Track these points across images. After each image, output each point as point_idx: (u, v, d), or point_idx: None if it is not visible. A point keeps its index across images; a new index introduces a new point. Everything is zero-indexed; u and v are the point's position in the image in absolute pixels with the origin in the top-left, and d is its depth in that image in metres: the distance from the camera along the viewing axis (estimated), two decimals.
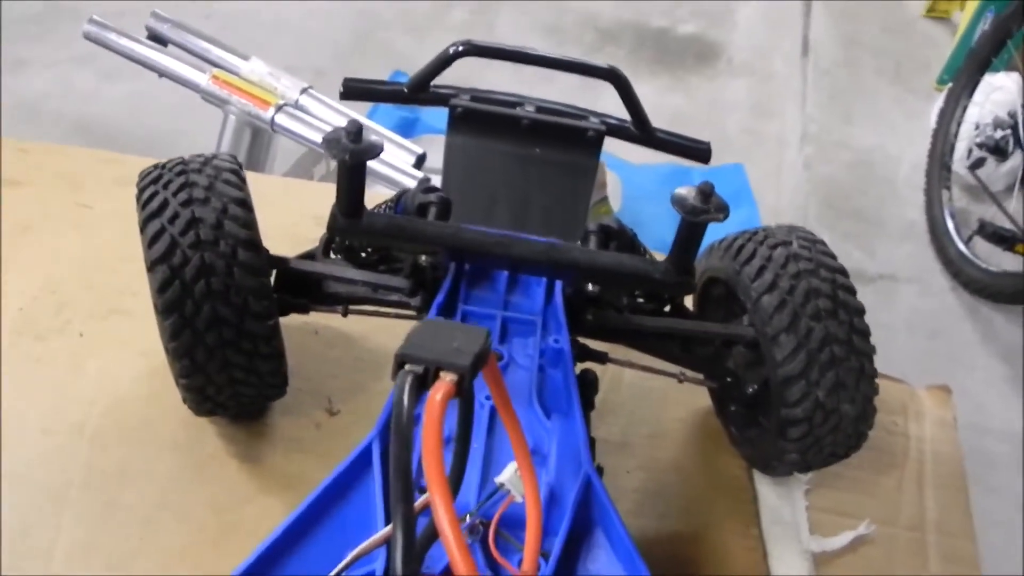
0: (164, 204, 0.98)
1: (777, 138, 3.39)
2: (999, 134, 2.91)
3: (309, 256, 1.12)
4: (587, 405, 0.97)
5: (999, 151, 2.92)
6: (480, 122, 1.17)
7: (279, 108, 1.71)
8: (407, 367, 0.59)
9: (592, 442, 0.91)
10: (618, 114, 1.22)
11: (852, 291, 1.02)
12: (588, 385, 0.98)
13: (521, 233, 1.02)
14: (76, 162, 1.48)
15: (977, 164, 3.02)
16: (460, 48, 1.13)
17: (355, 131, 0.86)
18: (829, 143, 3.31)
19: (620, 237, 1.09)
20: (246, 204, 1.00)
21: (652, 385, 1.04)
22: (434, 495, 0.54)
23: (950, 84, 3.16)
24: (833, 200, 3.12)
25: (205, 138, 1.87)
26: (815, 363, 0.98)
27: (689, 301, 1.14)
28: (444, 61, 1.14)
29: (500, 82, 1.21)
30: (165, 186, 1.01)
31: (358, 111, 1.91)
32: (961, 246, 2.89)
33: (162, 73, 1.77)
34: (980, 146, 2.97)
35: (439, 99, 1.19)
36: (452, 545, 0.53)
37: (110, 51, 1.81)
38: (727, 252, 1.09)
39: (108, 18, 1.85)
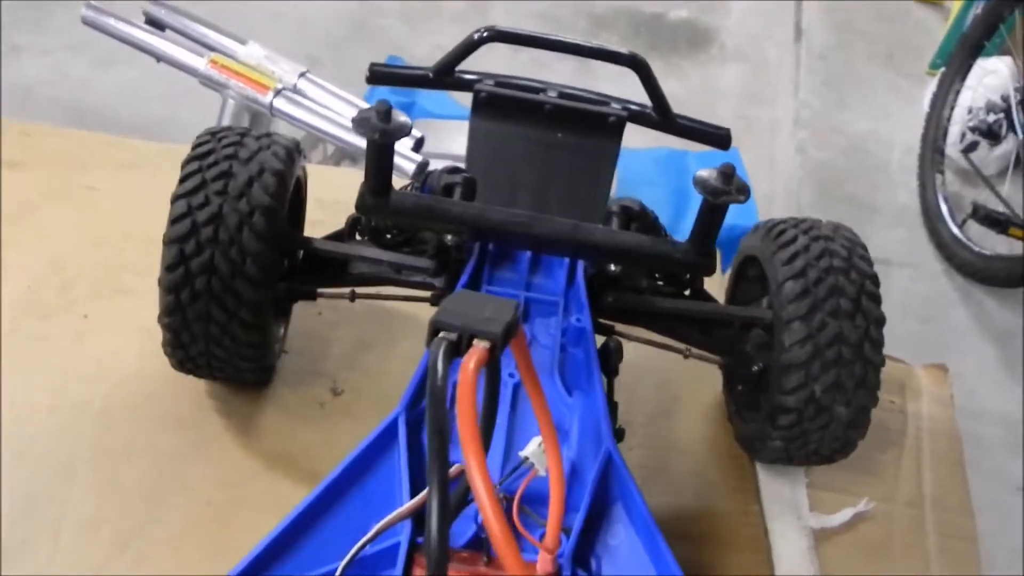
0: (210, 151, 1.03)
1: (770, 124, 3.39)
2: (992, 118, 2.91)
3: (335, 238, 1.14)
4: (611, 372, 1.01)
5: (992, 135, 2.92)
6: (504, 107, 1.19)
7: (277, 92, 1.71)
8: (441, 334, 0.61)
9: (615, 406, 0.95)
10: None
11: (877, 301, 1.03)
12: (612, 352, 1.02)
13: (544, 215, 1.04)
14: (78, 145, 1.49)
15: (970, 148, 3.03)
16: (485, 34, 1.14)
17: (385, 111, 0.88)
18: (822, 128, 3.32)
19: (641, 219, 1.11)
20: (282, 177, 1.03)
21: (652, 365, 1.05)
22: (469, 456, 0.56)
23: (943, 69, 3.17)
24: (826, 185, 3.12)
25: (200, 124, 1.86)
26: (819, 357, 0.99)
27: (715, 282, 1.15)
28: (469, 46, 1.16)
29: (496, 67, 1.21)
30: (220, 140, 1.06)
31: (356, 95, 1.91)
32: (955, 230, 2.90)
33: (160, 58, 1.77)
34: (973, 130, 2.98)
35: (464, 84, 1.20)
36: (486, 503, 0.55)
37: (108, 36, 1.81)
38: (768, 233, 1.10)
39: (105, 3, 1.85)
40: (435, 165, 1.33)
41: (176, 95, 1.91)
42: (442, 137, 2.09)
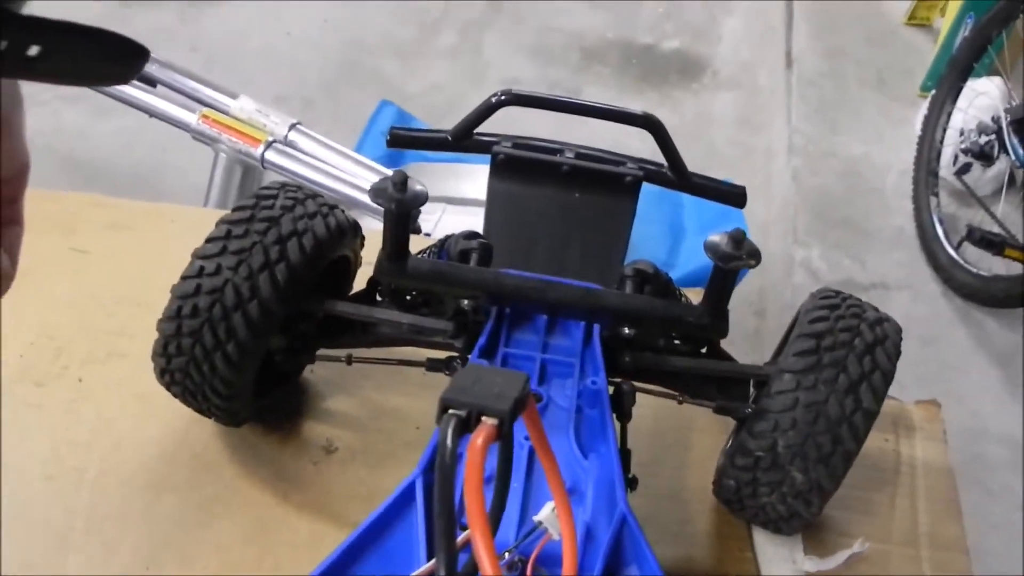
0: (273, 196, 1.07)
1: (764, 150, 3.41)
2: (984, 139, 2.92)
3: (358, 298, 1.15)
4: (625, 416, 1.03)
5: (984, 156, 2.93)
6: (521, 168, 1.21)
7: (269, 145, 1.73)
8: (450, 411, 0.62)
9: (628, 454, 0.97)
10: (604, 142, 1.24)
11: (878, 396, 1.03)
12: (625, 396, 1.03)
13: (560, 277, 1.06)
14: (68, 207, 1.49)
15: (963, 170, 3.04)
16: (502, 98, 1.16)
17: (401, 181, 0.90)
18: (816, 153, 3.33)
19: (655, 281, 1.12)
20: (323, 246, 1.05)
21: (643, 413, 1.06)
22: (475, 533, 0.57)
23: (933, 91, 3.18)
24: (822, 210, 3.13)
25: (195, 174, 1.89)
26: (795, 415, 1.00)
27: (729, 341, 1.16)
28: (487, 110, 1.17)
29: (525, 117, 1.23)
30: (284, 188, 1.09)
31: (347, 144, 1.92)
32: (951, 251, 2.90)
33: (152, 114, 1.79)
34: (965, 152, 2.99)
35: (483, 147, 1.22)
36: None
37: (101, 93, 1.83)
38: (815, 297, 1.12)
39: None
40: (428, 209, 1.34)
41: (172, 144, 1.93)
42: (434, 181, 2.10)
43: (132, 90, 1.80)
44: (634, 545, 0.81)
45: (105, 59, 0.52)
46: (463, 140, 1.21)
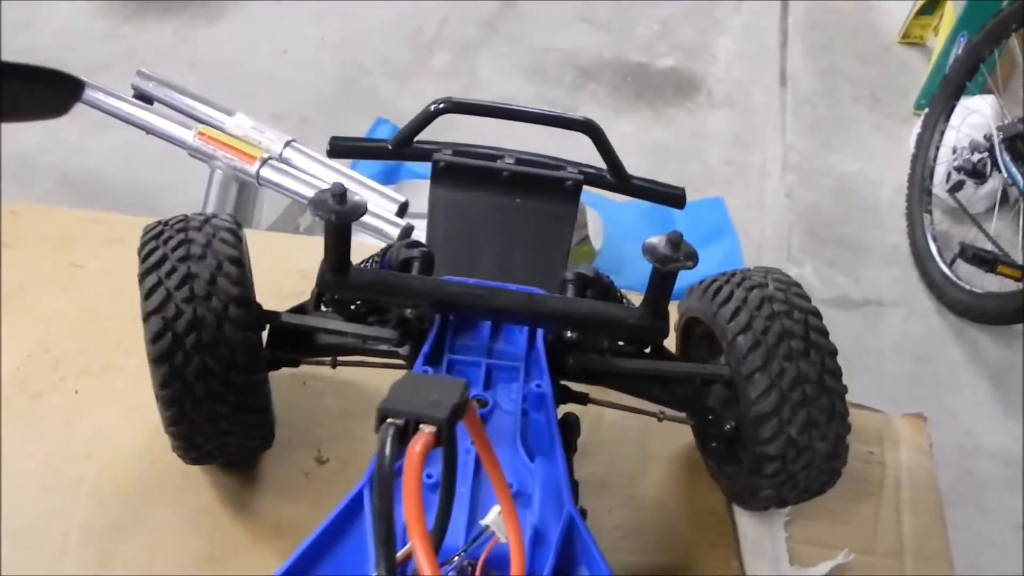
0: (163, 259, 1.02)
1: (759, 168, 3.43)
2: (976, 157, 2.94)
3: (301, 310, 1.16)
4: (569, 448, 1.01)
5: (977, 174, 2.95)
6: (462, 175, 1.22)
7: (264, 162, 1.74)
8: (388, 420, 0.63)
9: (575, 485, 0.95)
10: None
11: (824, 332, 1.05)
12: (569, 429, 1.03)
13: (503, 282, 1.07)
14: (65, 223, 1.51)
15: (956, 187, 3.06)
16: (441, 106, 1.18)
17: (340, 193, 0.91)
18: (810, 171, 3.35)
19: (596, 284, 1.13)
20: (240, 263, 1.04)
21: (630, 424, 1.07)
22: (414, 538, 0.58)
23: (927, 109, 3.20)
24: (816, 228, 3.15)
25: (192, 189, 1.90)
26: (787, 401, 1.01)
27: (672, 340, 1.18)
28: (426, 118, 1.19)
29: (479, 125, 1.24)
30: (165, 241, 1.05)
31: (342, 161, 1.94)
32: (945, 269, 2.92)
33: (149, 131, 1.80)
34: (958, 169, 3.00)
35: (423, 154, 1.23)
36: None
37: (98, 111, 1.85)
38: (705, 293, 1.12)
39: (94, 71, 1.89)
40: (423, 226, 1.36)
41: (168, 160, 1.93)
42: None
43: (129, 107, 1.81)
44: (583, 546, 0.81)
45: (41, 94, 0.53)
46: (403, 148, 1.22)
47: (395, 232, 1.57)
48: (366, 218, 1.73)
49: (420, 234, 1.93)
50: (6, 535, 1.10)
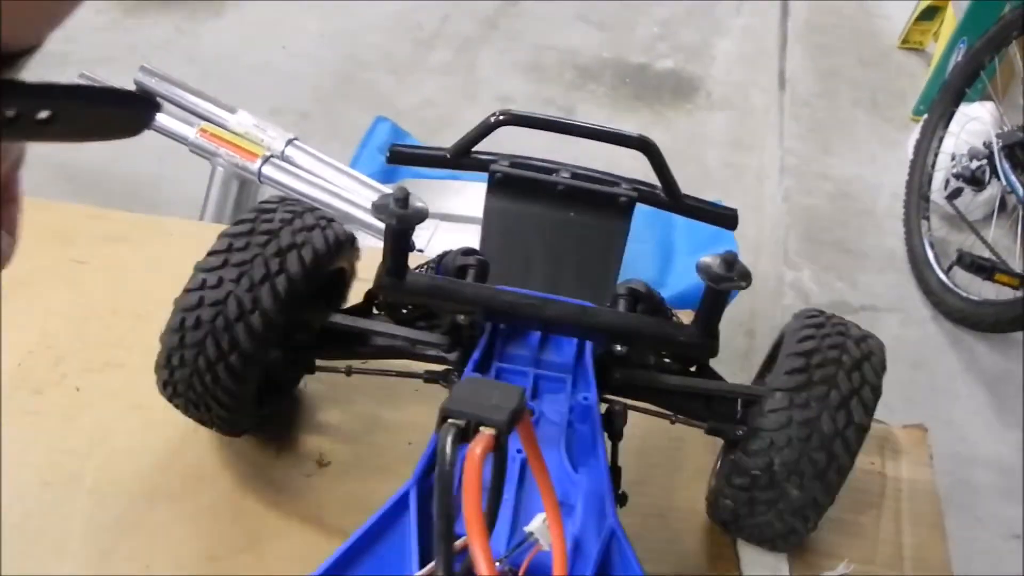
0: (272, 210, 1.08)
1: (757, 171, 3.43)
2: (975, 164, 2.93)
3: (355, 312, 1.17)
4: (616, 436, 1.05)
5: (975, 181, 2.95)
6: (518, 187, 1.23)
7: (266, 159, 1.74)
8: (450, 421, 0.64)
9: (619, 471, 1.00)
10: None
11: (869, 411, 1.04)
12: (615, 416, 1.05)
13: (554, 295, 1.08)
14: (66, 218, 1.50)
15: (954, 194, 3.05)
16: (500, 118, 1.18)
17: (403, 198, 0.92)
18: (808, 175, 3.35)
19: (648, 300, 1.14)
20: (321, 258, 1.07)
21: (631, 433, 1.07)
22: (473, 537, 0.59)
23: (926, 115, 3.19)
24: (813, 232, 3.15)
25: (189, 184, 1.91)
26: (788, 431, 1.01)
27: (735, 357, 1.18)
28: (485, 129, 1.20)
29: (508, 133, 1.24)
30: (283, 202, 1.11)
31: (341, 158, 1.94)
32: (942, 275, 2.92)
33: (151, 127, 1.80)
34: (957, 176, 3.00)
35: (480, 165, 1.24)
36: None
37: None
38: (805, 317, 1.13)
39: (95, 65, 1.89)
40: (422, 225, 1.35)
41: (168, 156, 1.93)
42: (428, 197, 2.11)
43: None
44: (622, 559, 0.82)
45: (114, 115, 0.53)
46: (462, 158, 1.23)
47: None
48: (367, 217, 1.74)
49: (418, 234, 1.93)
50: (6, 531, 1.09)
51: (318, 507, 1.16)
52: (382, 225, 1.61)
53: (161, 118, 1.79)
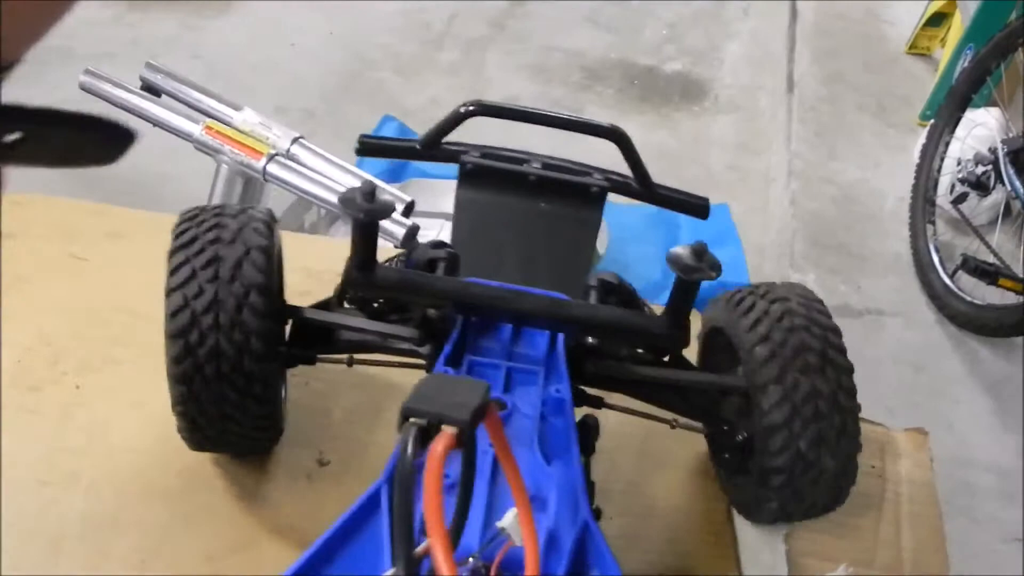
0: (194, 239, 1.04)
1: (763, 174, 3.42)
2: (980, 169, 2.93)
3: (323, 306, 1.17)
4: (588, 449, 1.02)
5: (981, 186, 2.94)
6: (489, 178, 1.23)
7: (271, 158, 1.74)
8: (411, 420, 0.64)
9: (592, 486, 0.97)
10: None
11: (842, 351, 1.06)
12: (589, 430, 1.03)
13: (526, 286, 1.08)
14: (68, 214, 1.51)
15: (960, 199, 3.05)
16: (470, 108, 1.18)
17: (369, 192, 0.91)
18: (814, 179, 3.34)
19: (619, 292, 1.14)
20: (267, 252, 1.05)
21: (632, 432, 1.07)
22: (433, 538, 0.58)
23: (932, 120, 3.19)
24: (819, 235, 3.14)
25: (193, 182, 1.90)
26: (799, 415, 1.01)
27: (693, 349, 1.18)
28: (455, 120, 1.19)
29: (486, 125, 1.24)
30: (199, 224, 1.07)
31: (346, 156, 1.93)
32: (946, 279, 2.91)
33: (156, 123, 1.80)
34: (962, 181, 2.99)
35: (450, 155, 1.24)
36: None
37: (105, 101, 1.84)
38: (728, 303, 1.13)
39: (98, 60, 1.88)
40: (428, 225, 1.35)
41: (172, 153, 1.93)
42: (435, 197, 2.12)
43: (137, 99, 1.81)
44: (597, 551, 0.82)
45: (88, 142, 0.51)
46: (431, 149, 1.22)
47: (401, 232, 1.56)
48: None
49: (424, 234, 1.93)
50: (3, 529, 1.09)
51: (318, 507, 1.16)
52: (388, 225, 1.62)
53: (166, 115, 1.79)
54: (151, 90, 1.86)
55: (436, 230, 1.99)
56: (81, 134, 0.50)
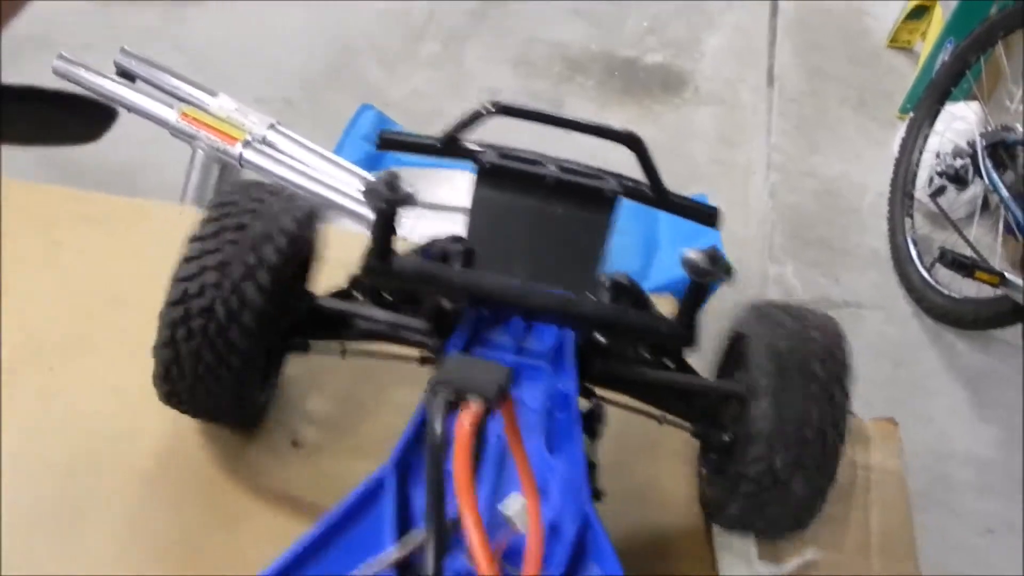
0: (235, 203, 1.07)
1: (744, 167, 3.44)
2: (959, 163, 2.95)
3: (338, 295, 1.18)
4: (594, 434, 1.05)
5: (959, 180, 2.97)
6: (506, 178, 1.23)
7: (247, 144, 1.74)
8: (439, 393, 0.66)
9: (593, 467, 0.99)
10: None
11: (847, 394, 1.06)
12: (598, 418, 1.07)
13: (537, 285, 1.10)
14: (44, 199, 1.50)
15: (938, 192, 3.07)
16: (491, 107, 1.18)
17: (391, 182, 0.93)
18: (795, 172, 3.36)
19: (630, 292, 1.16)
20: (293, 239, 1.06)
21: (608, 422, 1.08)
22: (464, 511, 0.61)
23: (912, 113, 3.21)
24: (799, 228, 3.16)
25: (173, 169, 1.90)
26: (783, 432, 1.02)
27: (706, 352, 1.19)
28: (474, 118, 1.19)
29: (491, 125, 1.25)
30: (249, 193, 1.09)
31: (326, 146, 1.94)
32: (924, 273, 2.94)
33: (131, 109, 1.80)
34: (941, 175, 3.02)
35: (469, 154, 1.24)
36: (478, 551, 0.61)
37: (79, 87, 1.84)
38: (759, 313, 1.14)
39: (76, 50, 1.88)
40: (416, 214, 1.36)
41: (149, 139, 1.92)
42: (412, 184, 2.11)
43: (111, 85, 1.81)
44: (597, 545, 0.82)
45: (66, 121, 0.51)
46: (450, 146, 1.23)
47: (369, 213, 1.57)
48: (351, 204, 1.74)
49: (405, 220, 1.94)
50: None
51: (293, 487, 1.16)
52: (367, 212, 1.62)
53: (142, 101, 1.79)
54: (126, 76, 1.87)
55: (413, 217, 1.99)
56: (60, 112, 0.50)
